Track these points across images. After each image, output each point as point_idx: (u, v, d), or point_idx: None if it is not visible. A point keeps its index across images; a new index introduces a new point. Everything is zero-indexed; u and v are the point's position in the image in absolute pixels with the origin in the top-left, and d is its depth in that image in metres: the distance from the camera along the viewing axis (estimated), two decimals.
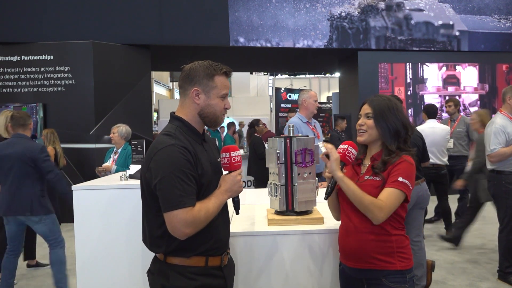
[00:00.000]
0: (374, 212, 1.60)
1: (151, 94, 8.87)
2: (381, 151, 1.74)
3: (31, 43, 6.60)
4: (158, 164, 1.44)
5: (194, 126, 1.59)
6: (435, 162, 4.82)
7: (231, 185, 1.56)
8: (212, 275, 1.55)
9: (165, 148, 1.46)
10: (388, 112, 1.72)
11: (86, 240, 2.37)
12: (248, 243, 1.95)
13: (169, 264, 1.52)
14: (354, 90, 8.26)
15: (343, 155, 1.72)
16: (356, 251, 1.70)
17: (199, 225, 1.44)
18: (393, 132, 1.71)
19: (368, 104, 1.77)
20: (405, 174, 1.64)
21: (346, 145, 1.74)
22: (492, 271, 3.87)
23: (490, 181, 3.66)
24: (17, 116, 3.48)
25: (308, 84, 25.00)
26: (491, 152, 3.49)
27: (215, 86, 1.57)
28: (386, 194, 1.63)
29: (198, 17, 7.21)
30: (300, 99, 4.00)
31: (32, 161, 3.34)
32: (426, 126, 4.89)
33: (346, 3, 7.76)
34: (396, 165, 1.66)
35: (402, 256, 1.68)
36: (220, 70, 1.58)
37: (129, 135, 4.39)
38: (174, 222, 1.41)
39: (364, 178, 1.73)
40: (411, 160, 1.69)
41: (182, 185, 1.42)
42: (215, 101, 1.58)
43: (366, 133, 1.74)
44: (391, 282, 1.66)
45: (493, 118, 3.65)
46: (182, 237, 1.44)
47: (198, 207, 1.45)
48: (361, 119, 1.77)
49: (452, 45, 8.06)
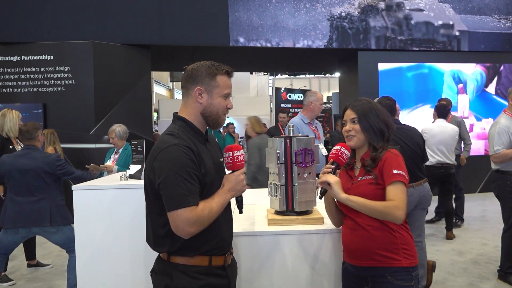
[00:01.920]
0: (392, 213, 1.63)
1: (151, 94, 8.87)
2: (368, 151, 1.79)
3: (31, 43, 6.60)
4: (162, 163, 1.45)
5: (197, 126, 1.60)
6: (444, 161, 4.83)
7: (234, 184, 1.56)
8: (215, 275, 1.56)
9: (169, 147, 1.46)
10: (370, 113, 1.79)
11: (86, 240, 2.36)
12: (248, 243, 1.95)
13: (173, 263, 1.52)
14: (354, 90, 8.25)
15: (336, 156, 1.76)
16: (361, 249, 1.71)
17: (202, 224, 1.45)
18: (378, 132, 1.77)
19: (350, 109, 1.83)
20: (396, 165, 1.69)
21: (339, 146, 1.78)
22: (493, 271, 3.87)
23: (495, 182, 3.65)
24: (23, 131, 3.46)
25: (308, 84, 24.99)
26: (495, 153, 3.47)
27: (218, 85, 1.58)
28: (392, 192, 1.66)
29: (198, 17, 7.21)
30: (307, 100, 3.97)
31: (49, 173, 3.35)
32: (436, 125, 4.91)
33: (346, 3, 7.76)
34: (384, 160, 1.71)
35: (407, 252, 1.69)
36: (222, 69, 1.59)
37: (126, 133, 4.39)
38: (177, 221, 1.42)
39: (358, 179, 1.77)
40: (396, 152, 1.75)
41: (185, 184, 1.42)
42: (218, 100, 1.59)
43: (355, 137, 1.79)
44: (397, 280, 1.66)
45: (497, 118, 3.63)
46: (186, 236, 1.44)
47: (201, 206, 1.45)
48: (348, 124, 1.82)
49: (452, 45, 8.06)
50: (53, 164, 3.37)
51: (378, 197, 1.68)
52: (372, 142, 1.77)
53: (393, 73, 7.99)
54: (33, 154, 3.40)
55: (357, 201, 1.67)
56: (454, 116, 5.74)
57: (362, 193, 1.71)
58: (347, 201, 1.68)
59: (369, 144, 1.79)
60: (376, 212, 1.66)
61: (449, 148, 4.84)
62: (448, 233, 5.02)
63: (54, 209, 3.33)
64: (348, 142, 1.81)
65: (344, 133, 1.84)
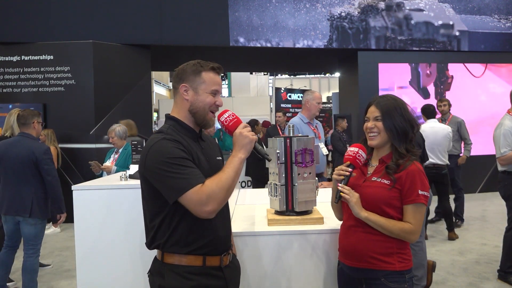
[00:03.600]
0: (407, 238, 1.65)
1: (151, 94, 8.87)
2: (390, 153, 1.72)
3: (31, 43, 6.60)
4: (153, 159, 1.45)
5: (188, 125, 1.60)
6: (436, 162, 4.81)
7: (241, 141, 1.50)
8: (210, 275, 1.53)
9: (157, 142, 1.47)
10: (395, 112, 1.70)
11: (86, 240, 2.36)
12: (248, 243, 1.95)
13: (165, 263, 1.51)
14: (354, 90, 8.26)
15: (353, 158, 1.70)
16: (356, 250, 1.69)
17: (218, 197, 1.40)
18: (401, 133, 1.69)
19: (375, 106, 1.74)
20: (421, 185, 1.64)
21: (357, 148, 1.71)
22: (493, 271, 3.87)
23: (501, 182, 3.64)
24: (20, 115, 3.44)
25: (308, 84, 24.98)
26: (501, 155, 3.47)
27: (203, 81, 1.57)
28: (411, 214, 1.64)
29: (198, 17, 7.21)
30: (304, 99, 3.98)
31: (35, 162, 3.30)
32: (427, 126, 4.88)
33: (346, 3, 7.76)
34: (408, 172, 1.65)
35: (402, 257, 1.68)
36: (207, 66, 1.59)
37: (126, 132, 4.38)
38: (190, 205, 1.40)
39: (371, 179, 1.72)
40: (420, 166, 1.69)
41: (182, 170, 1.41)
42: (203, 96, 1.58)
43: (379, 136, 1.71)
44: (390, 282, 1.66)
45: (501, 120, 3.62)
46: (208, 215, 1.41)
47: (208, 181, 1.42)
48: (371, 121, 1.73)
49: (452, 45, 8.06)
50: (41, 155, 3.30)
51: (389, 205, 1.65)
52: (394, 143, 1.69)
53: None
54: (25, 142, 3.34)
55: (376, 221, 1.63)
56: (454, 116, 5.74)
57: (373, 194, 1.67)
58: (367, 220, 1.64)
59: (392, 146, 1.72)
60: (391, 234, 1.64)
61: (441, 149, 4.83)
62: (450, 233, 5.00)
63: (36, 201, 3.32)
64: (370, 141, 1.73)
65: (366, 130, 1.76)
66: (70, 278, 4.08)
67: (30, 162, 3.30)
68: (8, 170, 3.34)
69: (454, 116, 5.75)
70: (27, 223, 3.35)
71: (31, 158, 3.29)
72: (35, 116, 3.45)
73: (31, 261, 3.36)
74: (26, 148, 3.31)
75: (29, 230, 3.37)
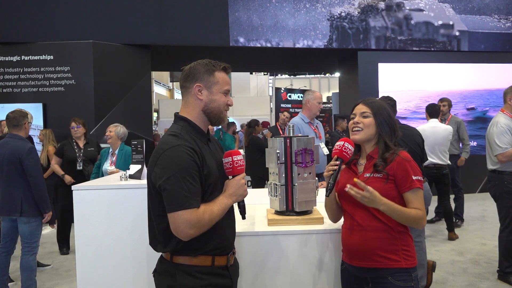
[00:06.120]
0: (420, 223, 1.69)
1: (151, 94, 8.87)
2: (376, 149, 1.77)
3: (31, 43, 6.61)
4: (164, 164, 1.44)
5: (199, 126, 1.60)
6: (436, 162, 4.80)
7: (236, 189, 1.56)
8: (218, 275, 1.56)
9: (171, 148, 1.46)
10: (384, 111, 1.79)
11: (86, 240, 2.36)
12: (248, 243, 1.95)
13: (176, 263, 1.52)
14: (354, 90, 8.26)
15: (340, 151, 1.73)
16: (361, 250, 1.70)
17: (202, 227, 1.44)
18: (392, 128, 1.78)
19: (363, 104, 1.81)
20: (413, 171, 1.69)
21: (342, 141, 1.75)
22: (492, 271, 3.87)
23: (491, 182, 3.64)
24: (10, 117, 3.45)
25: (308, 84, 25.00)
26: (503, 151, 3.44)
27: (217, 81, 1.58)
28: (416, 200, 1.68)
29: (198, 17, 7.21)
30: (304, 99, 3.97)
31: (20, 161, 3.33)
32: (428, 126, 4.88)
33: (346, 3, 7.76)
34: (398, 163, 1.69)
35: (406, 254, 1.69)
36: (219, 66, 1.60)
37: (125, 136, 4.33)
38: (177, 223, 1.41)
39: (364, 176, 1.74)
40: (408, 155, 1.74)
41: (187, 186, 1.42)
42: (218, 96, 1.59)
43: (362, 131, 1.77)
44: (397, 281, 1.66)
45: (495, 118, 3.62)
46: (185, 238, 1.44)
47: (202, 209, 1.45)
48: (357, 117, 1.79)
49: (452, 45, 8.06)
50: (23, 155, 3.31)
51: (390, 196, 1.67)
52: (386, 138, 1.75)
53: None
54: (11, 143, 3.37)
55: (394, 209, 1.64)
56: (454, 116, 5.74)
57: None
58: (386, 207, 1.63)
59: (378, 141, 1.77)
60: (406, 221, 1.67)
61: (442, 149, 4.82)
62: (450, 233, 5.00)
63: (26, 200, 3.33)
64: (354, 135, 1.78)
65: (350, 126, 1.81)
66: (70, 278, 4.08)
67: (17, 162, 3.33)
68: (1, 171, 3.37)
69: (453, 116, 5.75)
70: (21, 221, 3.39)
71: (17, 157, 3.32)
72: (26, 117, 3.50)
73: (27, 259, 3.38)
74: (12, 148, 3.35)
75: (23, 229, 3.40)
